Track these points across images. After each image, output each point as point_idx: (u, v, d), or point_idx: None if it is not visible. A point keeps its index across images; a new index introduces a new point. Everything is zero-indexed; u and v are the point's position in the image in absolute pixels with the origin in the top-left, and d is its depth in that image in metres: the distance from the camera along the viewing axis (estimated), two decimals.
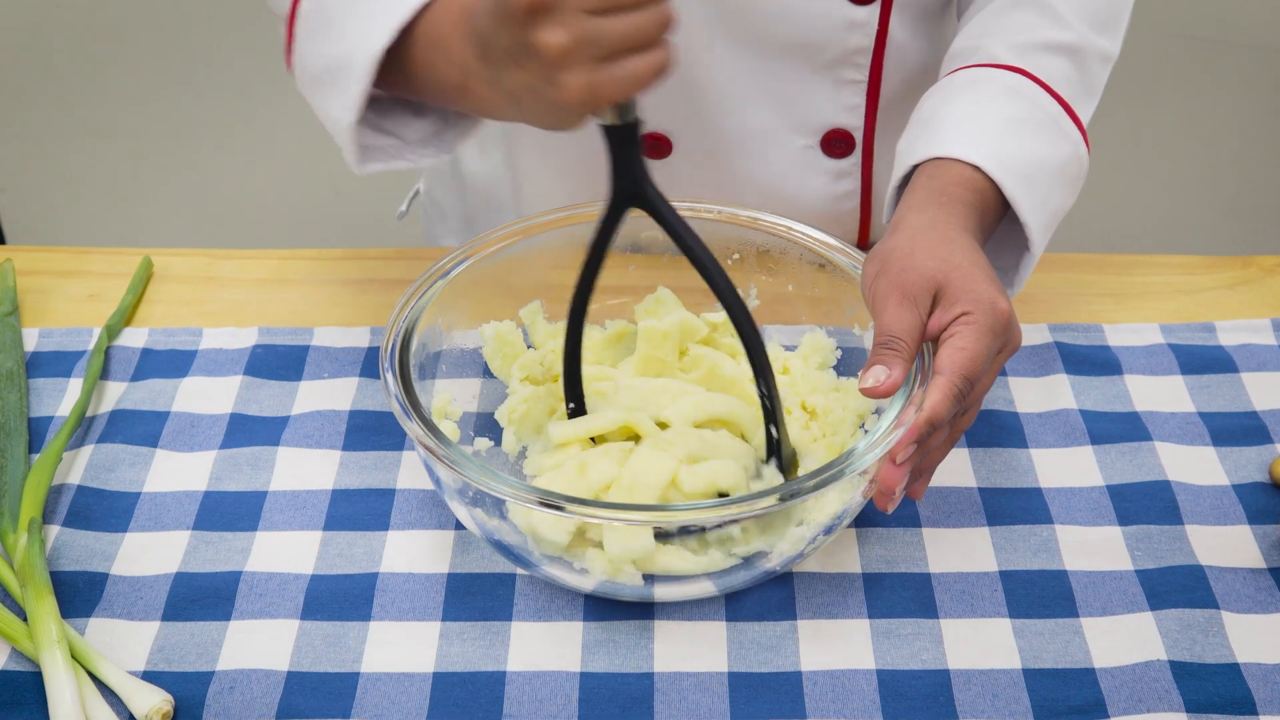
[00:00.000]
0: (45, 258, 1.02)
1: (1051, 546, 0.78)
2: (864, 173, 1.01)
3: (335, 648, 0.73)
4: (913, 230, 0.76)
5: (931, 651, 0.73)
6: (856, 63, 0.95)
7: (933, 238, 0.75)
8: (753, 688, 0.71)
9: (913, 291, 0.73)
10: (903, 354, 0.71)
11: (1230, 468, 0.83)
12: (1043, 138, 0.84)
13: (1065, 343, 0.92)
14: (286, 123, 2.16)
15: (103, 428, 0.86)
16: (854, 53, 0.94)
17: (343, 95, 0.77)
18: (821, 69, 0.95)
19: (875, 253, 0.77)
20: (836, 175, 1.01)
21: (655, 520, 0.67)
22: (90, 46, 2.19)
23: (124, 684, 0.70)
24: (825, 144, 0.99)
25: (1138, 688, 0.71)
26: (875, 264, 0.76)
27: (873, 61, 0.95)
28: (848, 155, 1.00)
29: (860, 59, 0.95)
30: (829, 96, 0.97)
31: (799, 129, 0.99)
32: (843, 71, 0.95)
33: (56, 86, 2.21)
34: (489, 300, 0.84)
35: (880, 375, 0.70)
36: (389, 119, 0.82)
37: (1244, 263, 1.01)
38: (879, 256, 0.76)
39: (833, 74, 0.96)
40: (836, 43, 0.94)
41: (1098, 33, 0.89)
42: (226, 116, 2.22)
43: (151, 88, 2.20)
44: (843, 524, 0.74)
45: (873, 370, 0.70)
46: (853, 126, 0.98)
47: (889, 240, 0.77)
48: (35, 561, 0.74)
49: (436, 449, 0.69)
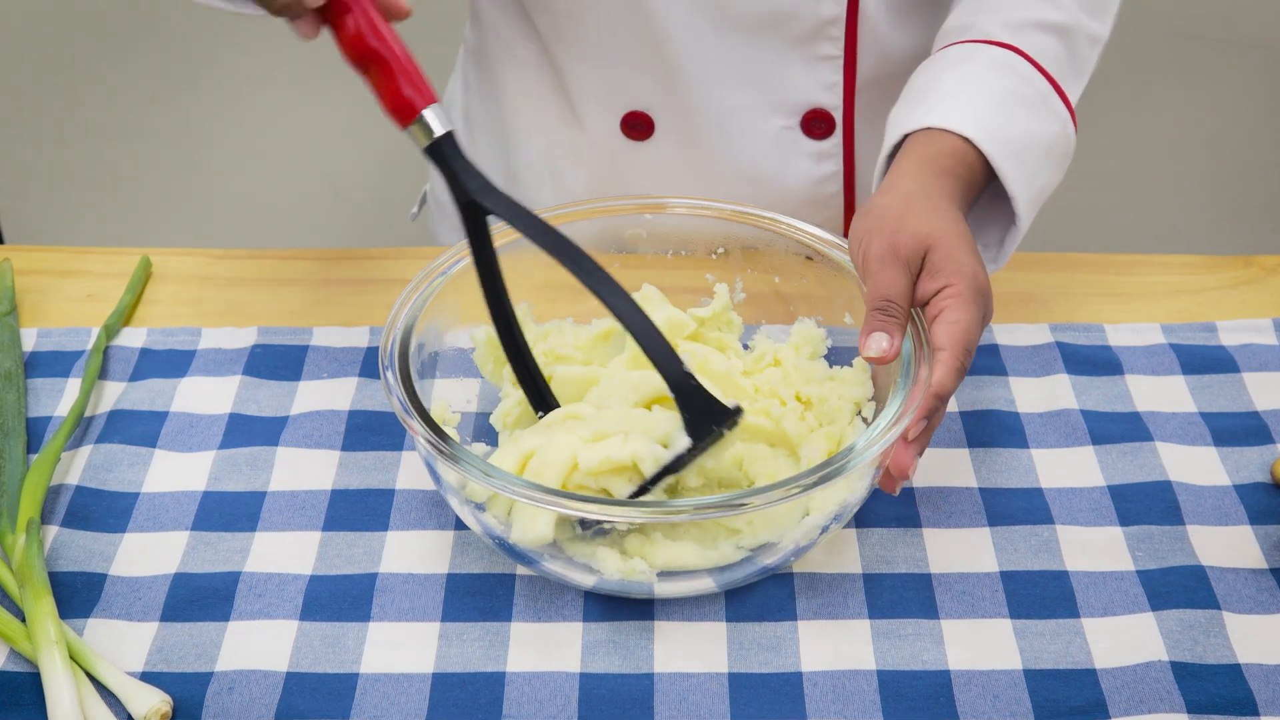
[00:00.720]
0: (43, 257, 1.01)
1: (1052, 547, 0.78)
2: (846, 157, 1.02)
3: (334, 648, 0.73)
4: (906, 193, 0.78)
5: (932, 652, 0.72)
6: (830, 35, 0.96)
7: (924, 204, 0.77)
8: (753, 688, 0.71)
9: (904, 253, 0.75)
10: (899, 320, 0.74)
11: (1232, 468, 0.83)
12: (1033, 114, 0.85)
13: (1066, 343, 0.92)
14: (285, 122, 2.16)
15: (101, 428, 0.86)
16: (827, 24, 0.95)
17: None
18: (797, 43, 0.96)
19: (868, 208, 0.78)
20: (818, 157, 1.01)
21: (654, 518, 0.67)
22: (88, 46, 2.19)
23: (122, 685, 0.70)
24: (805, 124, 1.00)
25: (1139, 688, 0.70)
26: (869, 219, 0.77)
27: (847, 35, 0.95)
28: (828, 136, 1.00)
29: (834, 31, 0.95)
30: (806, 73, 0.98)
31: (778, 108, 0.99)
32: (818, 46, 0.96)
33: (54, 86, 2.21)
34: (483, 301, 0.84)
35: (883, 343, 0.72)
36: None
37: (1245, 262, 1.01)
38: (872, 212, 0.78)
39: (808, 49, 0.96)
40: (808, 12, 0.94)
41: (1089, 14, 0.90)
42: (225, 116, 2.21)
43: (150, 87, 2.20)
44: (850, 512, 0.74)
45: (875, 337, 0.73)
46: (831, 106, 0.99)
47: (882, 197, 0.79)
48: (33, 562, 0.74)
49: (438, 447, 0.69)
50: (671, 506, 0.67)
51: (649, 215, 0.86)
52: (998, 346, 0.92)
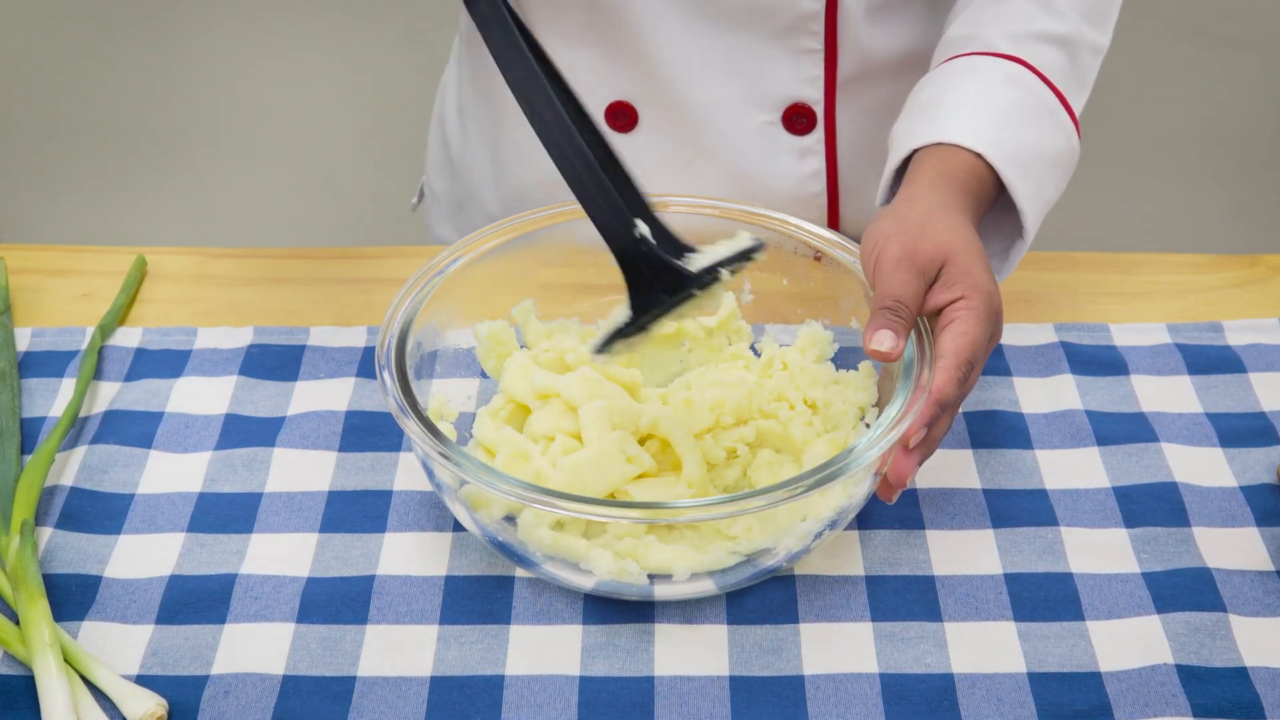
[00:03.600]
0: (38, 256, 1.01)
1: (1057, 549, 0.78)
2: (828, 154, 1.01)
3: (331, 651, 0.72)
4: (928, 204, 0.78)
5: (935, 655, 0.72)
6: (811, 29, 0.95)
7: (945, 216, 0.78)
8: (754, 692, 0.70)
9: (921, 260, 0.75)
10: (906, 321, 0.73)
11: (1238, 469, 0.83)
12: (1040, 128, 0.85)
13: (1071, 342, 0.92)
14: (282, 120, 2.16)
15: (96, 428, 0.85)
16: (806, 18, 0.95)
17: None
18: (777, 35, 0.96)
19: (889, 212, 0.78)
20: (800, 154, 1.01)
21: (653, 518, 0.67)
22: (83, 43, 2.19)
23: (117, 688, 0.69)
24: (787, 119, 0.99)
25: (1144, 692, 0.70)
26: (887, 223, 0.77)
27: (826, 29, 0.95)
28: (809, 132, 1.00)
29: (814, 25, 0.95)
30: (787, 66, 0.97)
31: (759, 102, 0.99)
32: (798, 39, 0.96)
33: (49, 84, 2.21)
34: (482, 299, 0.84)
35: (888, 341, 0.72)
36: None
37: (1251, 261, 1.01)
38: (892, 217, 0.78)
39: (789, 42, 0.96)
40: (787, 6, 0.94)
41: (1090, 25, 0.90)
42: (221, 115, 2.21)
43: (146, 85, 2.20)
44: (848, 517, 0.74)
45: (881, 334, 0.72)
46: (813, 100, 0.99)
47: (904, 205, 0.79)
48: (28, 564, 0.73)
49: (435, 448, 0.68)
50: (670, 508, 0.67)
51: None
52: (1002, 346, 0.92)
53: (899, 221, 0.77)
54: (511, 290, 0.85)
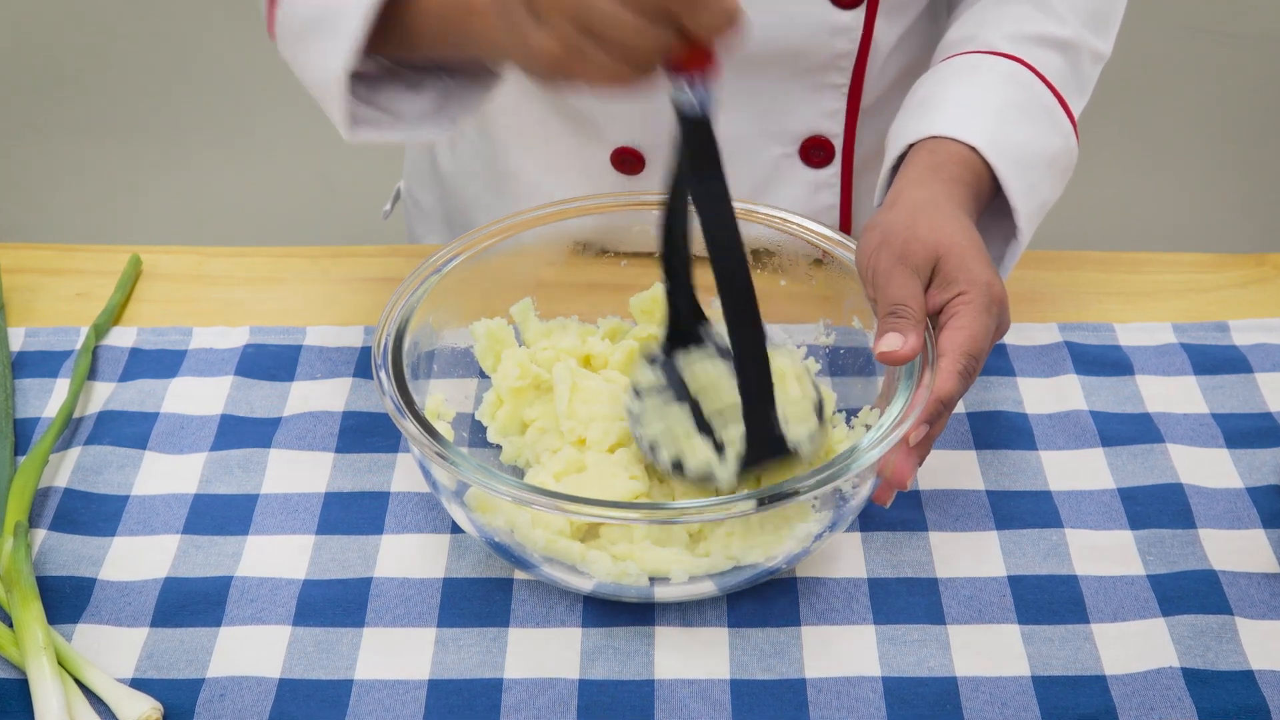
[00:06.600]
0: (31, 255, 1.01)
1: (1061, 551, 0.77)
2: (844, 187, 1.00)
3: (328, 655, 0.72)
4: (914, 204, 0.77)
5: (938, 658, 0.71)
6: (840, 66, 0.94)
7: (934, 213, 0.76)
8: (755, 695, 0.70)
9: (914, 262, 0.74)
10: (914, 319, 0.72)
11: (1244, 470, 0.82)
12: (1037, 127, 0.85)
13: (1075, 342, 0.91)
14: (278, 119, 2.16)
15: (90, 429, 0.85)
16: (838, 57, 0.93)
17: (335, 40, 0.75)
18: (802, 74, 0.94)
19: (875, 223, 0.77)
20: (815, 187, 0.99)
21: (651, 519, 0.67)
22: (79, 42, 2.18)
23: (112, 691, 0.69)
24: (804, 152, 0.98)
25: (1149, 695, 0.70)
26: (876, 234, 0.76)
27: (855, 65, 0.94)
28: (826, 165, 0.98)
29: (844, 63, 0.94)
30: (809, 102, 0.95)
31: (776, 136, 0.97)
32: (825, 76, 0.94)
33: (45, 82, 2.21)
34: (480, 298, 0.83)
35: (896, 341, 0.70)
36: (383, 95, 0.81)
37: (1258, 260, 1.00)
38: (880, 227, 0.76)
39: (814, 79, 0.94)
40: (820, 48, 0.92)
41: (1091, 31, 0.90)
42: (217, 113, 2.21)
43: (141, 83, 2.20)
44: (846, 520, 0.73)
45: (888, 337, 0.71)
46: (832, 133, 0.97)
47: (889, 213, 0.77)
48: (21, 566, 0.73)
49: (432, 449, 0.68)
50: (669, 509, 0.67)
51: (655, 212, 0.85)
52: (1005, 346, 0.91)
53: (885, 231, 0.75)
54: (509, 289, 0.84)
